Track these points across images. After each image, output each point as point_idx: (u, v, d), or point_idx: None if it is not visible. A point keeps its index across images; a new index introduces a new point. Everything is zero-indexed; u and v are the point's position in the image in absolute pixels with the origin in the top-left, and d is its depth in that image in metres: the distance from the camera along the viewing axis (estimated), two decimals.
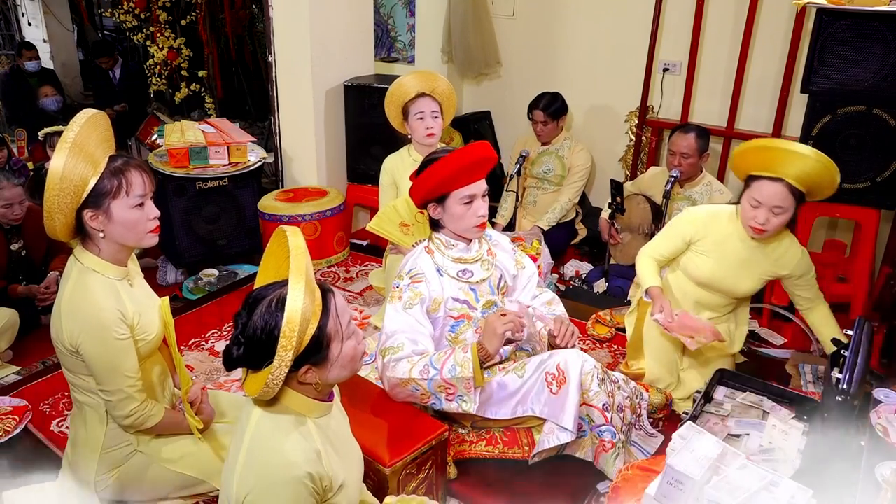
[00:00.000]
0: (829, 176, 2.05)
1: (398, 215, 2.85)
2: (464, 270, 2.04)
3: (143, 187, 1.65)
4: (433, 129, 2.86)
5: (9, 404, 2.42)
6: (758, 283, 2.32)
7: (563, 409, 1.93)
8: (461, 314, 2.05)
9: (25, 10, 6.47)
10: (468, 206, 1.95)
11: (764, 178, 2.10)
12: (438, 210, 2.00)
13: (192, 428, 1.78)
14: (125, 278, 1.70)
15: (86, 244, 1.66)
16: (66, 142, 1.52)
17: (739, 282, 2.31)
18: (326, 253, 3.75)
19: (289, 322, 1.17)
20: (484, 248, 2.11)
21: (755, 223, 2.12)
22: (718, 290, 2.36)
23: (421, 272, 2.01)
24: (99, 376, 1.63)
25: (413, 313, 1.97)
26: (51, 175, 1.51)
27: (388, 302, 2.02)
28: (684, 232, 2.36)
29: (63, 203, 1.55)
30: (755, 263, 2.27)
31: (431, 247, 2.07)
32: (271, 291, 1.26)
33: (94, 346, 1.59)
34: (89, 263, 1.64)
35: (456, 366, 1.87)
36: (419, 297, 1.98)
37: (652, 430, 2.34)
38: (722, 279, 2.32)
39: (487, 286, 2.08)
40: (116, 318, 1.61)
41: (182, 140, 3.45)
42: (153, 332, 1.73)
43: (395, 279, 2.05)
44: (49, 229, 1.59)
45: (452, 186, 1.93)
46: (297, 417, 1.32)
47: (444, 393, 1.90)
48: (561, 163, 3.73)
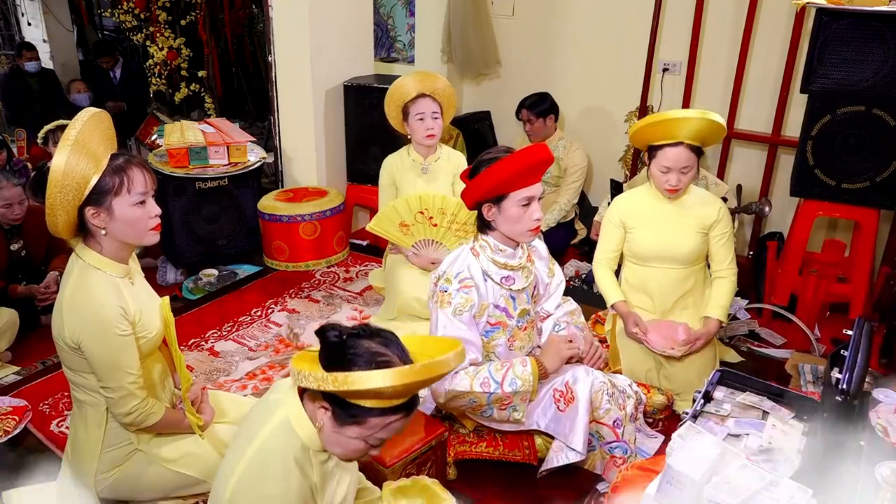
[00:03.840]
0: (716, 127, 2.29)
1: (398, 215, 2.85)
2: (507, 277, 1.99)
3: (145, 185, 1.66)
4: (433, 129, 2.87)
5: (8, 404, 2.42)
6: (697, 239, 2.43)
7: (573, 429, 1.93)
8: (498, 321, 2.01)
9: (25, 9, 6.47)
10: (525, 208, 1.89)
11: (666, 146, 2.32)
12: (493, 211, 1.92)
13: (193, 426, 1.78)
14: (126, 276, 1.71)
15: (87, 242, 1.67)
16: (69, 139, 1.53)
17: (678, 240, 2.43)
18: (326, 253, 3.75)
19: (52, 171, 1.52)
20: (525, 255, 2.05)
21: (668, 185, 2.37)
22: (666, 257, 2.46)
23: (470, 276, 1.95)
24: (100, 373, 1.64)
25: (463, 320, 1.93)
26: (53, 172, 1.52)
27: (437, 307, 1.96)
28: (614, 219, 2.52)
29: (65, 200, 1.56)
30: (683, 219, 2.43)
31: (477, 248, 2.00)
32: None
33: (95, 342, 1.60)
34: (91, 261, 1.65)
35: (517, 380, 1.90)
36: (469, 303, 1.93)
37: (651, 431, 2.34)
38: (664, 244, 2.44)
39: (525, 295, 2.05)
40: (118, 315, 1.62)
41: (182, 140, 3.45)
42: (154, 330, 1.74)
43: (441, 282, 1.97)
44: (51, 227, 1.60)
45: (512, 188, 1.86)
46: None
47: (498, 404, 1.94)
48: (557, 163, 3.73)
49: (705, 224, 2.43)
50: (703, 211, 2.43)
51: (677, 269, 2.47)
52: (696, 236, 2.43)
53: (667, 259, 2.46)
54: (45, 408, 2.52)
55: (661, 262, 2.47)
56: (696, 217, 2.43)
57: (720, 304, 2.43)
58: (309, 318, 3.23)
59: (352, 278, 3.67)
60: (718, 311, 2.42)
